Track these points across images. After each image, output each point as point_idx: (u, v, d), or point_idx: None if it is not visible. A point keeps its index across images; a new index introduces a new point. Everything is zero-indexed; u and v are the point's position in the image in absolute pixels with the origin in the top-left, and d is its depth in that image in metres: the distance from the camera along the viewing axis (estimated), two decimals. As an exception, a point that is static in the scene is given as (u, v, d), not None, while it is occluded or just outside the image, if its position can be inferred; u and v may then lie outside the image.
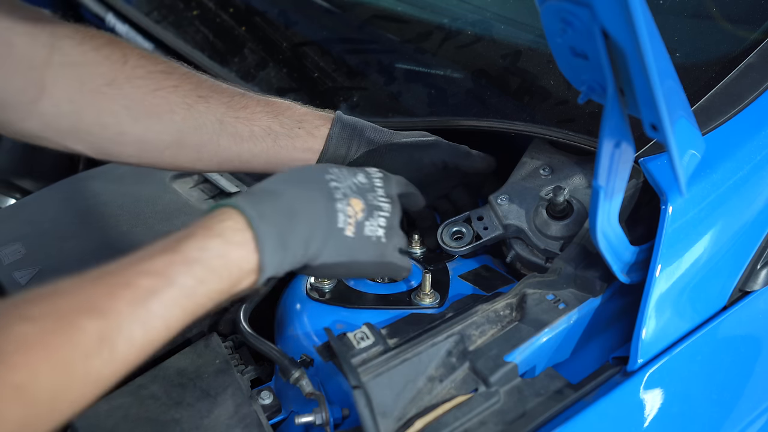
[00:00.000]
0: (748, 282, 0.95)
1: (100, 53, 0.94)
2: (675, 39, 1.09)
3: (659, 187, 0.87)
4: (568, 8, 0.71)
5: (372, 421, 0.76)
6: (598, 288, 0.89)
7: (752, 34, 1.04)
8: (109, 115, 0.93)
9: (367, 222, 0.83)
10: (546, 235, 0.99)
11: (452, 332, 0.84)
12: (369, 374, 0.78)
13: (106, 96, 0.93)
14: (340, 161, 1.05)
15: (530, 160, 1.07)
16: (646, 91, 0.69)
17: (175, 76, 0.98)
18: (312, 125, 1.04)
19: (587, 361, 0.89)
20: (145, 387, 0.88)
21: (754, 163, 0.92)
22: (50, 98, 0.90)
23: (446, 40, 1.30)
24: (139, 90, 0.95)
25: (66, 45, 0.91)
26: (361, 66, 1.34)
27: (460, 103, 1.20)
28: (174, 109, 0.96)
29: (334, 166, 0.86)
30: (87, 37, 0.94)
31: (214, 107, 0.99)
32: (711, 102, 0.96)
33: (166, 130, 0.96)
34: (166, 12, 1.54)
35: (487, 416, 0.79)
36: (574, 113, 1.07)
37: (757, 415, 0.94)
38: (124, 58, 0.95)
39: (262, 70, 1.37)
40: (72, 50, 0.92)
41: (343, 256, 0.82)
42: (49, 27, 0.91)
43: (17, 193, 1.34)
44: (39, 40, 0.90)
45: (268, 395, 0.90)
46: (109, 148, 0.96)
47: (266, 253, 0.74)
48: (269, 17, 1.46)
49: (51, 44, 0.90)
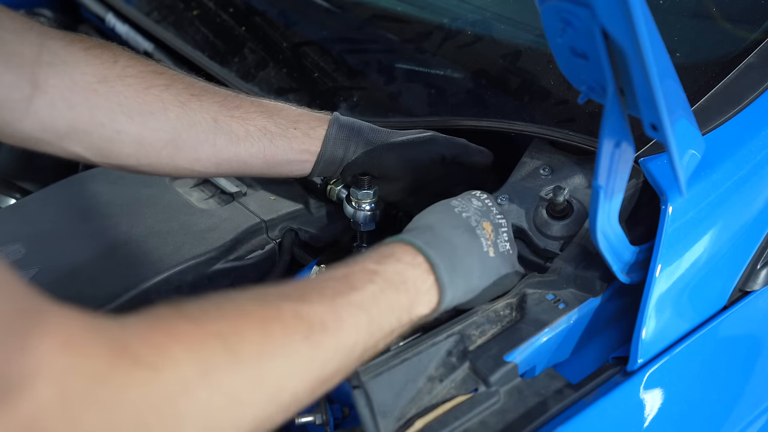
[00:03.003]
0: (748, 282, 0.95)
1: (90, 53, 0.94)
2: (675, 39, 1.09)
3: (659, 187, 0.87)
4: (568, 8, 0.71)
5: (372, 421, 0.76)
6: (598, 288, 0.89)
7: (752, 34, 1.04)
8: (104, 114, 0.94)
9: (498, 240, 0.87)
10: (546, 235, 0.99)
11: (452, 332, 0.84)
12: (369, 374, 0.78)
13: (99, 94, 0.94)
14: (338, 162, 1.05)
15: (530, 160, 1.07)
16: (646, 91, 0.69)
17: (166, 76, 0.99)
18: (308, 126, 1.04)
19: (587, 361, 0.89)
20: (145, 387, 0.88)
21: (754, 163, 0.93)
22: (44, 96, 0.91)
23: (446, 40, 1.30)
24: (131, 88, 0.95)
25: (55, 45, 0.92)
26: (361, 66, 1.34)
27: (460, 103, 1.20)
28: (167, 107, 0.97)
29: (453, 199, 0.89)
30: (76, 39, 0.95)
31: (207, 105, 0.99)
32: (711, 102, 0.96)
33: (161, 127, 0.97)
34: (166, 12, 1.54)
35: (487, 416, 0.79)
36: (574, 113, 1.07)
37: (757, 415, 0.94)
38: (114, 58, 0.96)
39: (262, 70, 1.37)
40: (61, 50, 0.93)
41: (492, 276, 0.86)
42: (37, 28, 0.92)
43: (17, 193, 1.34)
44: (27, 39, 0.90)
45: (268, 395, 0.90)
46: (107, 148, 0.96)
47: (441, 272, 0.78)
48: (269, 17, 1.46)
49: (39, 43, 0.91)
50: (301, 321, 0.65)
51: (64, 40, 0.94)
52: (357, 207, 1.08)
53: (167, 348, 0.56)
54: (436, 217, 0.85)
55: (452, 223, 0.84)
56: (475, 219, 0.86)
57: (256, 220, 1.12)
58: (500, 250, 0.88)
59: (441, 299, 0.79)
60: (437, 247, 0.79)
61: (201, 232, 1.09)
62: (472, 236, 0.84)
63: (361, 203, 1.08)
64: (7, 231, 1.10)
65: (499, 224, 0.89)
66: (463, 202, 0.88)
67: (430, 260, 0.78)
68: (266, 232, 1.13)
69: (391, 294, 0.74)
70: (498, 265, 0.87)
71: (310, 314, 0.67)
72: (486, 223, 0.87)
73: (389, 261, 0.77)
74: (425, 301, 0.78)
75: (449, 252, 0.80)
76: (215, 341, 0.59)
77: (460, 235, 0.83)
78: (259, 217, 1.13)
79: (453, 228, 0.83)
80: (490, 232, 0.87)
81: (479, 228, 0.86)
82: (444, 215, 0.85)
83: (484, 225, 0.87)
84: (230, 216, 1.13)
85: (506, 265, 0.88)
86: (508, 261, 0.89)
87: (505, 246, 0.89)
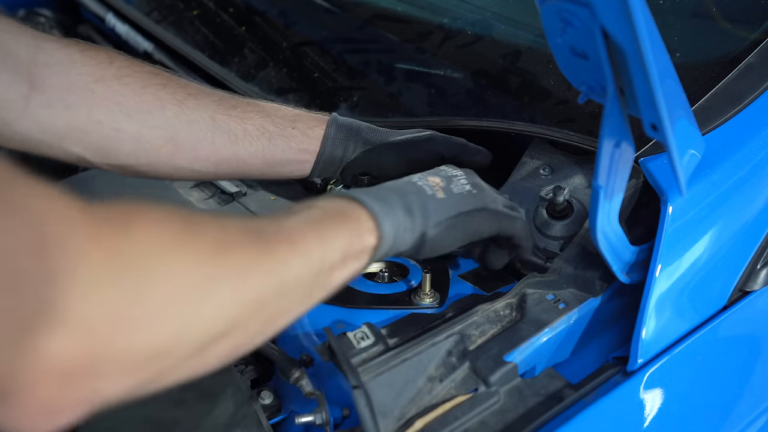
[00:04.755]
0: (748, 282, 0.95)
1: (86, 55, 0.95)
2: (675, 39, 1.09)
3: (659, 187, 0.87)
4: (568, 8, 0.71)
5: (372, 421, 0.76)
6: (598, 288, 0.89)
7: (752, 34, 1.04)
8: (102, 112, 0.94)
9: (451, 185, 0.87)
10: (546, 235, 0.99)
11: (452, 332, 0.84)
12: (369, 374, 0.78)
13: (95, 93, 0.94)
14: (337, 162, 1.05)
15: (530, 160, 1.07)
16: (646, 91, 0.69)
17: (162, 77, 1.00)
18: (306, 126, 1.04)
19: (587, 361, 0.89)
20: (145, 387, 0.88)
21: (754, 163, 0.93)
22: (41, 96, 0.91)
23: (446, 40, 1.30)
24: (128, 87, 0.96)
25: (50, 47, 0.93)
26: (361, 66, 1.34)
27: (460, 103, 1.20)
28: (165, 105, 0.98)
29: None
30: (71, 42, 0.96)
31: (204, 104, 1.00)
32: (711, 102, 0.96)
33: (159, 125, 0.97)
34: (166, 12, 1.54)
35: (487, 416, 0.79)
36: (574, 113, 1.07)
37: (757, 415, 0.94)
38: (110, 59, 0.97)
39: (262, 70, 1.37)
40: (57, 52, 0.93)
41: (450, 211, 0.85)
42: (31, 32, 0.93)
43: (17, 193, 1.33)
44: (23, 41, 0.91)
45: (268, 395, 0.90)
46: (106, 147, 0.96)
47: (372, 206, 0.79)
48: (269, 17, 1.46)
49: (35, 45, 0.92)
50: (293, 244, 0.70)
51: (60, 43, 0.95)
52: (357, 207, 1.08)
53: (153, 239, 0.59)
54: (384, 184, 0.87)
55: (394, 183, 0.86)
56: (419, 176, 0.88)
57: (256, 220, 1.12)
58: (455, 191, 0.87)
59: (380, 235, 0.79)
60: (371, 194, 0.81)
61: (201, 232, 1.09)
62: (410, 185, 0.86)
63: (361, 203, 1.08)
64: (7, 231, 1.09)
65: (453, 176, 0.89)
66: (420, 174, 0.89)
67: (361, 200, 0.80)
68: (266, 232, 1.13)
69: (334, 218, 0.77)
70: (453, 204, 0.86)
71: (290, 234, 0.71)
72: (433, 177, 0.88)
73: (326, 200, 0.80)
74: (367, 228, 0.79)
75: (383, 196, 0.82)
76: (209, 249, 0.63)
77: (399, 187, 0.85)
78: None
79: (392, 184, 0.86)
80: (438, 182, 0.87)
81: (422, 180, 0.87)
82: (392, 183, 0.87)
83: (429, 178, 0.87)
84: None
85: (468, 203, 0.87)
86: (470, 199, 0.88)
87: (464, 187, 0.88)
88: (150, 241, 0.59)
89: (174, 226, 0.62)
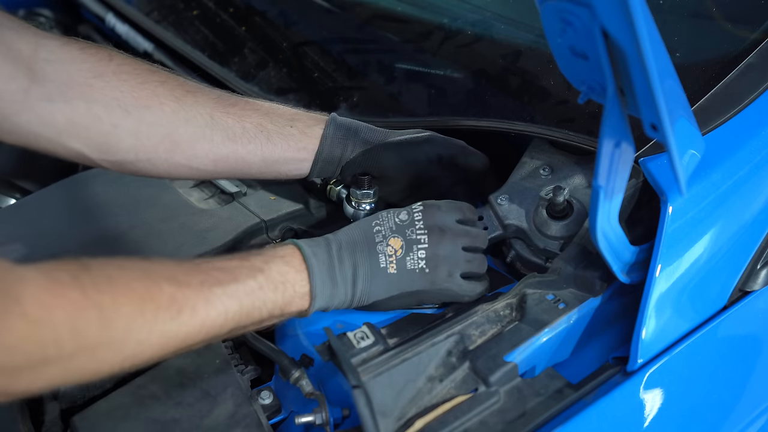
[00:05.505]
0: (748, 282, 0.95)
1: (85, 52, 0.96)
2: (675, 39, 1.09)
3: (659, 187, 0.87)
4: (568, 8, 0.71)
5: (372, 420, 0.76)
6: (598, 288, 0.89)
7: (752, 34, 1.04)
8: (101, 107, 0.95)
9: (407, 257, 0.92)
10: (546, 235, 0.99)
11: (452, 332, 0.84)
12: (369, 374, 0.78)
13: (95, 88, 0.95)
14: (336, 162, 1.05)
15: (530, 160, 1.07)
16: (646, 91, 0.69)
17: (161, 74, 1.01)
18: (304, 125, 1.04)
19: (587, 361, 0.89)
20: (145, 387, 0.88)
21: (754, 163, 0.92)
22: (41, 90, 0.92)
23: (446, 40, 1.30)
24: (126, 83, 0.97)
25: (51, 44, 0.94)
26: (361, 66, 1.34)
27: (460, 103, 1.20)
28: (163, 102, 0.98)
29: (386, 211, 0.95)
30: (72, 40, 0.97)
31: (202, 102, 1.00)
32: (711, 102, 0.96)
33: (158, 121, 0.98)
34: (166, 12, 1.54)
35: (487, 416, 0.79)
36: (574, 113, 1.07)
37: (757, 415, 0.94)
38: (109, 57, 0.98)
39: (262, 70, 1.37)
40: (57, 49, 0.94)
41: (393, 291, 0.92)
42: (33, 28, 0.95)
43: (17, 193, 1.34)
44: (24, 37, 0.92)
45: (268, 395, 0.90)
46: (105, 143, 0.96)
47: (316, 282, 0.87)
48: (269, 17, 1.46)
49: (36, 42, 0.93)
50: (174, 303, 0.76)
51: (60, 40, 0.96)
52: (357, 207, 1.08)
53: (52, 310, 0.69)
54: (352, 229, 0.93)
55: (357, 237, 0.92)
56: (383, 234, 0.92)
57: (256, 220, 1.12)
58: (408, 267, 0.91)
59: (311, 305, 0.88)
60: (321, 259, 0.88)
61: (201, 232, 1.09)
62: (370, 251, 0.91)
63: (361, 203, 1.08)
64: (7, 231, 1.10)
65: (416, 241, 0.92)
66: (390, 214, 0.94)
67: (309, 268, 0.87)
68: (266, 232, 1.13)
69: (269, 291, 0.84)
70: (401, 282, 0.91)
71: (185, 299, 0.77)
72: (395, 239, 0.92)
73: (277, 262, 0.86)
74: (298, 303, 0.87)
75: (332, 264, 0.89)
76: (93, 313, 0.71)
77: (354, 249, 0.91)
78: (259, 217, 1.13)
79: (350, 242, 0.91)
80: (397, 248, 0.91)
81: (382, 244, 0.91)
82: (357, 230, 0.93)
83: (391, 241, 0.92)
84: (230, 216, 1.13)
85: (416, 283, 0.92)
86: (420, 279, 0.92)
87: (418, 264, 0.92)
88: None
89: (90, 319, 0.71)
